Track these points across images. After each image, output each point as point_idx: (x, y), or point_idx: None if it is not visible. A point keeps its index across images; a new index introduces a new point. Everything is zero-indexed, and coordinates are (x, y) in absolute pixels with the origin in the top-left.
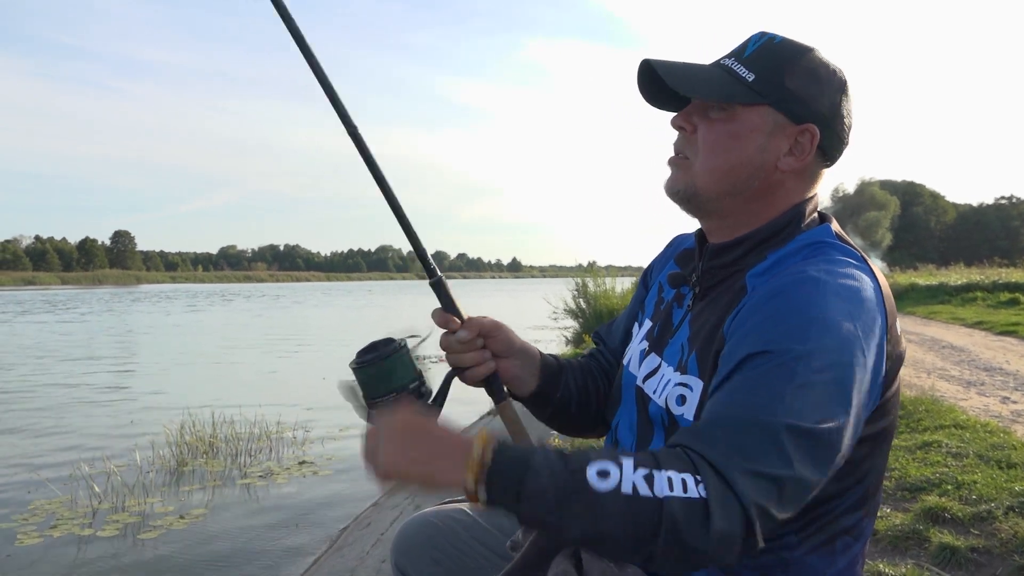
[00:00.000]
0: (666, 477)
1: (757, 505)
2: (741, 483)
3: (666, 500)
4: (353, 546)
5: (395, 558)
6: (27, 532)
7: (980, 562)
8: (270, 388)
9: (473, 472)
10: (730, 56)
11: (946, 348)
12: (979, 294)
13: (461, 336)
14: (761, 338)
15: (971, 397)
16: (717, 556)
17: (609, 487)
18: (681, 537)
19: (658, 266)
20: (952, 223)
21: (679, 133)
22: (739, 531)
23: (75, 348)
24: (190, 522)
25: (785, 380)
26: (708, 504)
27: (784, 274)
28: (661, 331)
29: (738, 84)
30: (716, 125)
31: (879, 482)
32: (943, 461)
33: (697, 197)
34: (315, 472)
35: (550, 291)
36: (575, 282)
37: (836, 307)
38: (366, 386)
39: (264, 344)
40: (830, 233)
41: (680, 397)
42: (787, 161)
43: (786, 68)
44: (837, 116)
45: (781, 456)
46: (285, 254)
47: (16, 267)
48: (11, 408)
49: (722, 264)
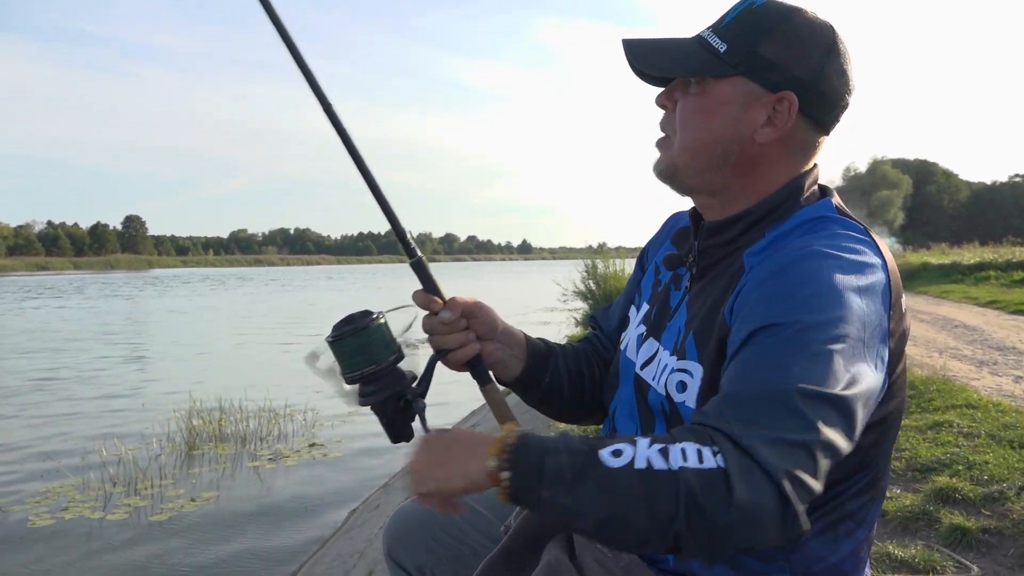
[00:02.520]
0: (680, 449)
1: (786, 472)
2: (763, 451)
3: (681, 471)
4: (362, 528)
5: (388, 546)
6: (39, 515)
7: (991, 543)
8: (280, 371)
9: (496, 451)
10: (710, 27)
11: (959, 327)
12: (992, 273)
13: (444, 317)
14: (767, 312)
15: (983, 377)
16: (751, 533)
17: (623, 463)
18: (703, 511)
19: (654, 247)
20: (965, 202)
21: (663, 112)
22: (772, 503)
23: (86, 333)
24: (200, 504)
25: (795, 350)
26: (727, 473)
27: (785, 250)
28: (659, 314)
29: (709, 56)
30: (690, 100)
31: (886, 467)
32: (954, 441)
33: (678, 175)
34: (324, 455)
35: (560, 273)
36: (584, 264)
37: (842, 280)
38: (343, 360)
39: (274, 327)
40: (831, 207)
41: (680, 384)
42: (764, 132)
43: (761, 35)
44: (822, 78)
45: (803, 420)
46: (296, 238)
47: (29, 252)
48: (23, 392)
49: (719, 243)
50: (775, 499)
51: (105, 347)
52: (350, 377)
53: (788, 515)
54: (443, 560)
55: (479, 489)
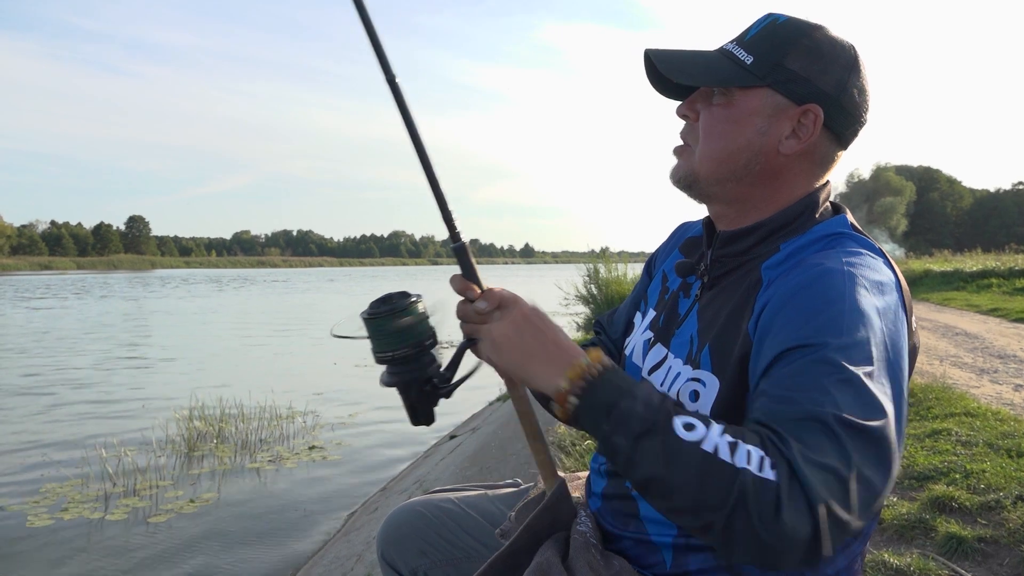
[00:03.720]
0: (747, 450)
1: (824, 503)
2: (809, 474)
3: (743, 471)
4: (360, 531)
5: (382, 548)
6: (38, 514)
7: (987, 552)
8: (280, 373)
9: (573, 376)
10: (733, 40)
11: (960, 335)
12: (994, 281)
13: (479, 307)
14: (796, 333)
15: (983, 385)
16: (780, 552)
17: (693, 438)
18: (749, 516)
19: (662, 255)
20: (968, 209)
21: (684, 121)
22: (806, 530)
23: (86, 333)
24: (200, 506)
25: (826, 374)
26: (779, 490)
27: (807, 267)
28: (667, 321)
29: (736, 67)
30: (715, 110)
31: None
32: (952, 449)
33: (698, 183)
34: (324, 457)
35: (562, 277)
36: (587, 268)
37: (866, 299)
38: (377, 339)
39: (275, 329)
40: (846, 224)
41: (693, 393)
42: (789, 144)
43: (787, 48)
44: (845, 94)
45: (841, 449)
46: (298, 239)
47: (32, 252)
48: (24, 392)
49: (733, 253)
50: (809, 527)
51: (106, 348)
52: (381, 357)
53: (815, 546)
54: (437, 563)
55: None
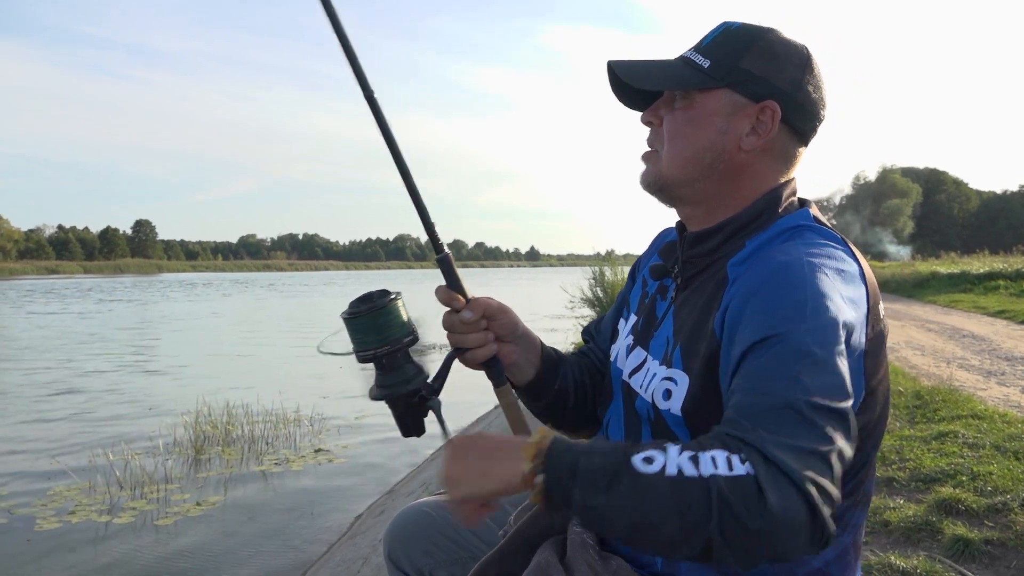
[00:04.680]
0: (710, 457)
1: (810, 479)
2: (785, 459)
3: (712, 478)
4: (367, 534)
5: (388, 548)
6: (46, 517)
7: (994, 555)
8: (287, 376)
9: (530, 455)
10: (691, 48)
11: (967, 337)
12: (1002, 282)
13: (465, 316)
14: (761, 325)
15: (991, 387)
16: (784, 539)
17: (655, 469)
18: (737, 517)
19: (644, 260)
20: (975, 210)
21: (649, 128)
22: (801, 511)
23: (93, 336)
24: (206, 509)
25: (794, 360)
26: (758, 479)
27: (767, 259)
28: (646, 324)
29: (694, 71)
30: (677, 114)
31: (871, 472)
32: (959, 452)
33: (667, 187)
34: (330, 460)
35: (567, 280)
36: (592, 271)
37: (828, 285)
38: (357, 337)
39: (281, 332)
40: (809, 216)
41: (666, 391)
42: (750, 140)
43: (742, 51)
44: (800, 91)
45: (817, 431)
46: (304, 243)
47: (40, 256)
48: (31, 395)
49: (702, 252)
50: (804, 505)
51: (113, 351)
52: (363, 355)
53: (817, 521)
54: (442, 564)
55: (513, 492)
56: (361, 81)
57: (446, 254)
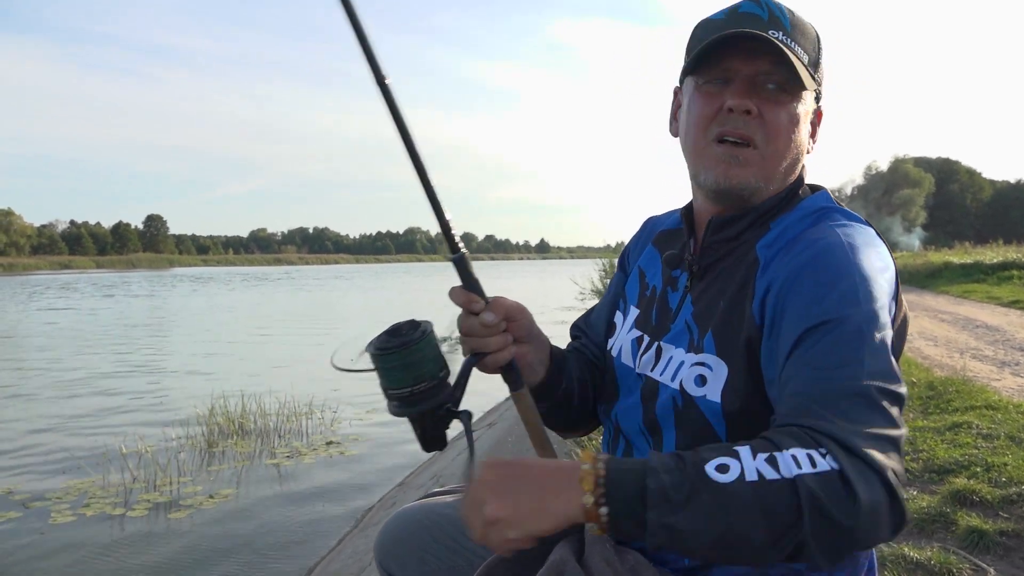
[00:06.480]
0: (790, 456)
1: (891, 467)
2: (865, 447)
3: (798, 479)
4: (377, 526)
5: (379, 557)
6: (61, 511)
7: (1009, 546)
8: (299, 369)
9: (589, 486)
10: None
11: (980, 328)
12: (1015, 272)
13: (487, 319)
14: (814, 311)
15: (1004, 377)
16: (870, 532)
17: (732, 478)
18: (829, 515)
19: (634, 250)
20: (989, 200)
21: (740, 116)
22: (885, 499)
23: (107, 330)
24: (219, 502)
25: (857, 346)
26: (843, 473)
27: (806, 243)
28: (659, 317)
29: (801, 64)
30: (785, 108)
31: None
32: (973, 442)
33: (760, 193)
34: (342, 452)
35: (577, 272)
36: (602, 262)
37: (871, 265)
38: (387, 375)
39: (294, 325)
40: (830, 199)
41: (699, 377)
42: (811, 144)
43: (820, 47)
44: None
45: (887, 416)
46: (314, 237)
47: (53, 251)
48: (45, 389)
49: (725, 238)
50: (886, 494)
51: (126, 345)
52: (395, 394)
53: (896, 508)
54: (436, 571)
55: (570, 525)
56: (374, 68)
57: (462, 253)
